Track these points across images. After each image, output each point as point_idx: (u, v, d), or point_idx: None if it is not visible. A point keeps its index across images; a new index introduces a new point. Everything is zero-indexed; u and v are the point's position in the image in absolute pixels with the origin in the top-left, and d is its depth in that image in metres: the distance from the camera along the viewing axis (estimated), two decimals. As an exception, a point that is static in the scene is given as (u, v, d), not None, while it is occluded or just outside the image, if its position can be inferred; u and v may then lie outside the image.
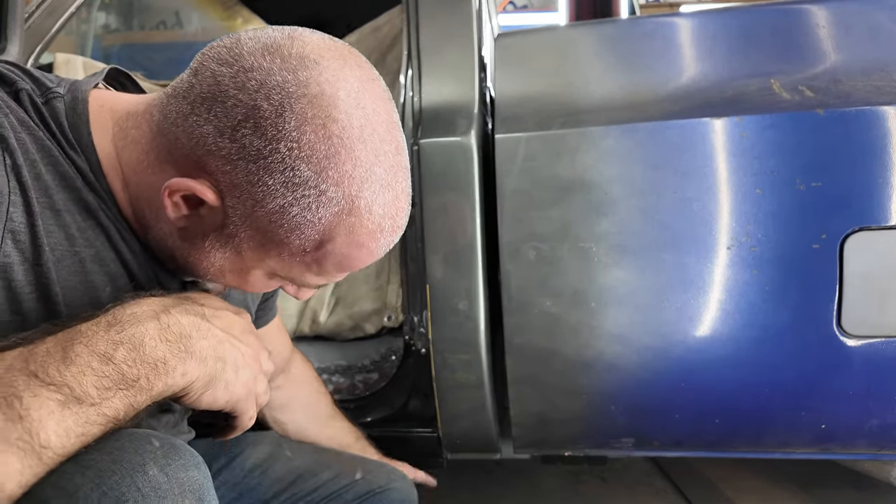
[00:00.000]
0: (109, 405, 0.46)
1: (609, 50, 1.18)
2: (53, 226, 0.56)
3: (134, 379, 0.47)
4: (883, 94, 0.99)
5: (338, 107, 0.52)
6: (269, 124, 0.51)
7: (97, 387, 0.46)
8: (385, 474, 0.95)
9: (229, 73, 0.52)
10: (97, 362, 0.46)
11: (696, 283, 1.05)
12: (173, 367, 0.50)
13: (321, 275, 0.59)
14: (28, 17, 1.33)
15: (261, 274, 0.61)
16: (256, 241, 0.56)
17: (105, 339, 0.47)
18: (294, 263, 0.58)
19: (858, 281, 1.00)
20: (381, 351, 1.51)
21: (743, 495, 1.59)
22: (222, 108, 0.52)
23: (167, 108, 0.55)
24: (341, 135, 0.52)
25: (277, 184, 0.52)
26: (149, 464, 0.46)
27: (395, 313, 1.61)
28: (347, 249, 0.56)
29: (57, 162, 0.56)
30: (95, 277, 0.59)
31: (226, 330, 0.56)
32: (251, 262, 0.59)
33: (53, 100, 0.58)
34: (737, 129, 1.02)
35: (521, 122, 1.10)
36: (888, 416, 1.04)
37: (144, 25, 2.70)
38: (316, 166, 0.52)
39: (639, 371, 1.09)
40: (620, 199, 1.06)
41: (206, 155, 0.53)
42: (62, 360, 0.45)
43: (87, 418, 0.45)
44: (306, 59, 0.52)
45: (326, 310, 1.69)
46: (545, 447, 1.24)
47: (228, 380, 0.55)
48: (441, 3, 1.23)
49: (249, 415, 0.59)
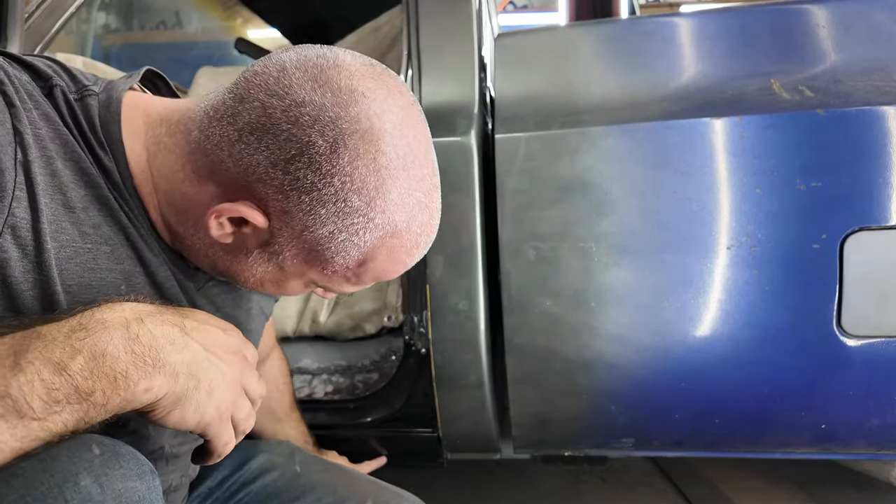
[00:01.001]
0: (57, 420, 0.43)
1: (609, 50, 1.18)
2: (66, 223, 0.56)
3: (88, 392, 0.44)
4: (883, 94, 0.99)
5: (385, 140, 0.55)
6: (324, 160, 0.53)
7: (45, 400, 0.43)
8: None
9: (280, 105, 0.54)
10: (49, 372, 0.43)
11: (696, 283, 1.05)
12: (135, 382, 0.46)
13: (357, 285, 0.63)
14: (28, 17, 1.33)
15: (299, 283, 0.64)
16: (301, 258, 0.59)
17: (63, 346, 0.44)
18: (335, 277, 0.61)
19: (858, 281, 1.00)
20: (381, 351, 1.51)
21: (743, 495, 1.59)
22: (274, 141, 0.54)
23: (209, 130, 0.57)
24: (388, 165, 0.55)
25: (329, 213, 0.55)
26: (82, 473, 0.43)
27: (395, 313, 1.61)
28: (386, 265, 0.61)
29: (79, 158, 0.57)
30: (109, 275, 0.59)
31: (206, 346, 0.53)
32: (292, 276, 0.62)
33: (88, 97, 0.59)
34: (737, 129, 1.02)
35: (521, 122, 1.10)
36: (888, 416, 1.04)
37: (144, 25, 2.70)
38: (366, 197, 0.55)
39: (639, 371, 1.09)
40: (620, 199, 1.06)
41: (256, 182, 0.55)
42: (12, 367, 0.42)
43: (26, 433, 0.43)
44: (355, 93, 0.55)
45: (326, 310, 1.69)
46: (545, 447, 1.24)
47: (200, 401, 0.51)
48: (441, 3, 1.23)
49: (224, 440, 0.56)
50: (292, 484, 0.87)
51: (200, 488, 0.87)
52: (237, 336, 0.59)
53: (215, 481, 0.88)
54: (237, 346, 0.58)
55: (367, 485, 0.91)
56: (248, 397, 0.58)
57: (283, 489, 0.86)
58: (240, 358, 0.57)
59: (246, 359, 0.58)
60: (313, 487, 0.86)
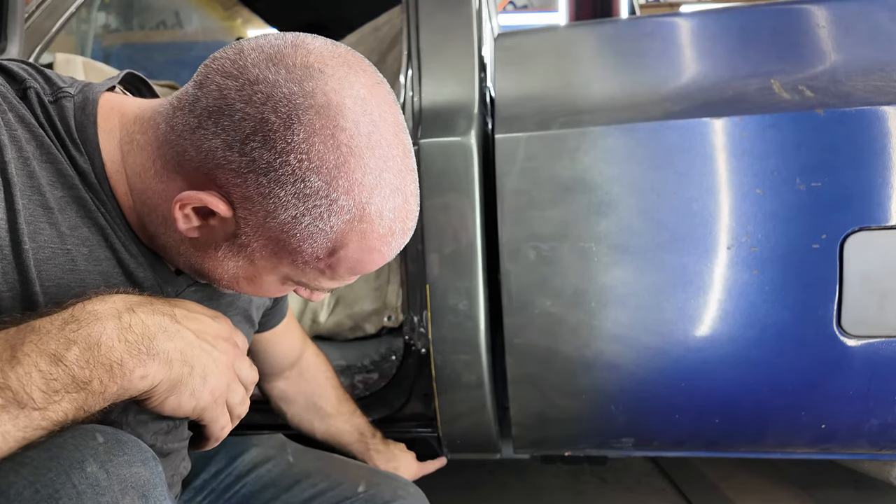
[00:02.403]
0: (57, 409, 0.45)
1: (609, 50, 1.18)
2: (44, 223, 0.55)
3: (86, 381, 0.46)
4: (883, 94, 0.99)
5: (345, 115, 0.52)
6: (279, 137, 0.51)
7: (44, 390, 0.44)
8: (392, 489, 0.91)
9: (235, 85, 0.52)
10: (46, 363, 0.44)
11: (696, 283, 1.05)
12: (131, 370, 0.48)
13: (334, 279, 0.59)
14: (28, 17, 1.33)
15: (274, 279, 0.61)
16: (269, 249, 0.56)
17: (58, 338, 0.45)
18: (307, 270, 0.58)
19: (858, 281, 1.00)
20: (381, 351, 1.51)
21: (743, 495, 1.59)
22: (230, 122, 0.52)
23: (174, 120, 0.55)
24: (350, 143, 0.52)
25: (289, 195, 0.52)
26: (88, 460, 0.45)
27: (395, 313, 1.61)
28: (360, 254, 0.57)
29: (55, 160, 0.56)
30: (87, 276, 0.59)
31: (198, 334, 0.54)
32: (264, 270, 0.59)
33: (63, 99, 0.58)
34: (737, 129, 1.02)
35: (521, 122, 1.10)
36: (888, 416, 1.04)
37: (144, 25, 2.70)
38: (326, 176, 0.52)
39: (639, 371, 1.09)
40: (620, 199, 1.06)
41: (216, 168, 0.53)
42: (9, 360, 0.44)
43: (28, 423, 0.44)
44: (311, 69, 0.52)
45: (326, 310, 1.69)
46: (545, 447, 1.24)
47: (195, 386, 0.53)
48: (441, 3, 1.23)
49: (220, 424, 0.57)
50: (287, 473, 0.90)
51: (195, 482, 0.88)
52: (226, 323, 0.59)
53: (209, 474, 0.89)
54: (227, 333, 0.59)
55: (360, 469, 0.94)
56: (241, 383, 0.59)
57: (279, 479, 0.89)
58: (231, 344, 0.58)
59: (237, 345, 0.59)
60: (308, 475, 0.89)
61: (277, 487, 0.88)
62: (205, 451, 0.60)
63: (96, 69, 1.60)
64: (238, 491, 0.88)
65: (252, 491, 0.88)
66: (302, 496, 0.87)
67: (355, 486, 0.89)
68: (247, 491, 0.88)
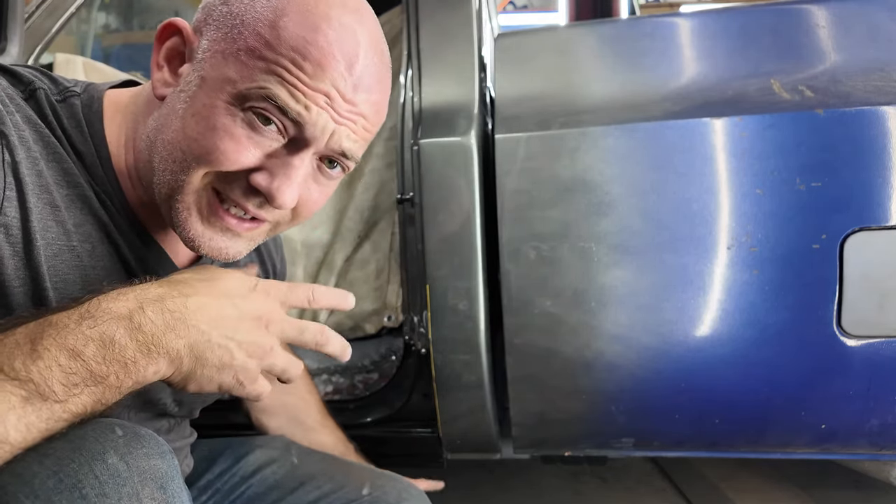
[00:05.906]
0: (76, 402, 0.47)
1: (609, 50, 1.18)
2: (52, 221, 0.57)
3: (103, 376, 0.48)
4: (883, 94, 0.99)
5: None
6: None
7: (64, 383, 0.46)
8: (396, 491, 0.89)
9: None
10: (65, 358, 0.46)
11: (696, 283, 1.05)
12: (143, 367, 0.50)
13: (279, 65, 0.54)
14: (28, 17, 1.33)
15: (222, 107, 0.56)
16: (217, 50, 0.56)
17: (76, 334, 0.47)
18: (252, 64, 0.55)
19: (858, 281, 1.00)
20: (381, 351, 1.51)
21: (743, 495, 1.59)
22: None
23: None
24: None
25: None
26: (109, 452, 0.47)
27: (395, 313, 1.61)
28: (301, 30, 0.54)
29: (61, 158, 0.59)
30: (91, 272, 0.61)
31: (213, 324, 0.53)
32: (215, 91, 0.56)
33: (71, 97, 0.61)
34: (737, 129, 1.02)
35: (521, 122, 1.10)
36: (888, 416, 1.04)
37: (144, 25, 2.70)
38: None
39: (639, 371, 1.09)
40: (620, 199, 1.06)
41: None
42: (30, 354, 0.46)
43: (50, 415, 0.46)
44: None
45: (326, 310, 1.69)
46: (545, 447, 1.24)
47: (210, 375, 0.54)
48: (441, 3, 1.23)
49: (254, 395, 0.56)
50: (291, 475, 0.90)
51: (199, 482, 0.88)
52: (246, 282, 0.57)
53: (213, 474, 0.90)
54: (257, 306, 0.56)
55: (364, 471, 0.94)
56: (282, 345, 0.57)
57: (283, 480, 0.89)
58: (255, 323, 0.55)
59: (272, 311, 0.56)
60: (312, 477, 0.89)
61: (282, 490, 0.87)
62: None
63: (96, 69, 1.60)
64: (243, 493, 0.87)
65: (257, 493, 0.87)
66: (306, 498, 0.86)
67: (360, 488, 0.88)
68: (252, 493, 0.87)
